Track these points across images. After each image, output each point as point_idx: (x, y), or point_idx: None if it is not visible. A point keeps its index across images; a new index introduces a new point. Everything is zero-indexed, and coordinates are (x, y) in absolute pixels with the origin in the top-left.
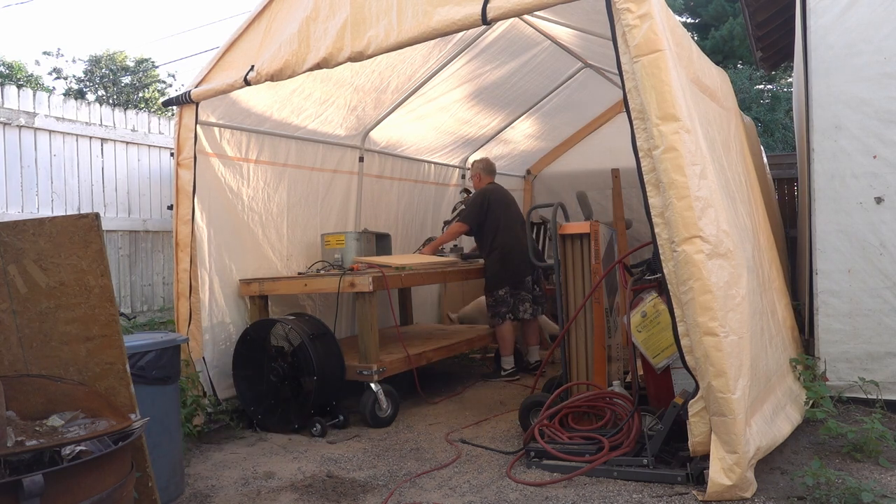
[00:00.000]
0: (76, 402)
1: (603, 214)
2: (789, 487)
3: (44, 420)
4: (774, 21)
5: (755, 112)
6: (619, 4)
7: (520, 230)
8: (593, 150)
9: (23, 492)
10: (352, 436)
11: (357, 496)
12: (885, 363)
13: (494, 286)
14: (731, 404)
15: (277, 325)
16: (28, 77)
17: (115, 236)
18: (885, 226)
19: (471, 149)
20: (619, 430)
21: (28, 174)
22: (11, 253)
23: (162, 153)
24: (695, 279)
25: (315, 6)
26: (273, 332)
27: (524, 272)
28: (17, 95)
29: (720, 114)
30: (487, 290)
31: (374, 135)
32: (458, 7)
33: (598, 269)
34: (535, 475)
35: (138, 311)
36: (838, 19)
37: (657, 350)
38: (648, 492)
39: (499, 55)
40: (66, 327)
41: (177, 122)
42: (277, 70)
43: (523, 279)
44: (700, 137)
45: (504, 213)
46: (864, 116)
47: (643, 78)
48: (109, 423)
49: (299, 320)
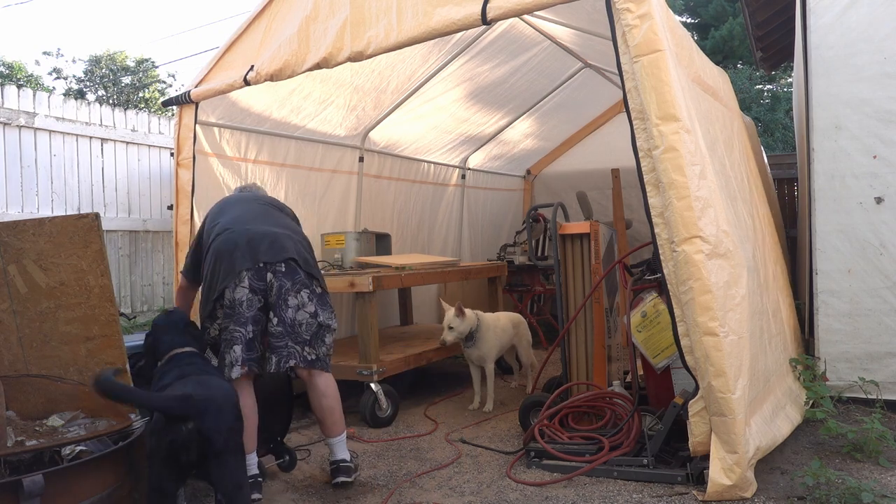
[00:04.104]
0: (76, 402)
1: (603, 214)
2: (789, 487)
3: (44, 420)
4: (774, 21)
5: (755, 112)
6: (619, 4)
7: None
8: (593, 150)
9: (23, 492)
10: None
11: (357, 496)
12: (885, 363)
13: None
14: (730, 404)
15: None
16: (28, 77)
17: (115, 236)
18: (885, 226)
19: (471, 149)
20: (619, 430)
21: (28, 174)
22: (11, 253)
23: (162, 153)
24: (694, 279)
25: (315, 6)
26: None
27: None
28: (17, 95)
29: (723, 113)
30: None
31: (373, 135)
32: (457, 7)
33: (598, 269)
34: (535, 475)
35: (138, 311)
36: (838, 19)
37: (657, 350)
38: (648, 492)
39: (498, 55)
40: (67, 327)
41: (176, 122)
42: (277, 70)
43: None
44: (700, 137)
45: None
46: (864, 116)
47: (643, 78)
48: (109, 423)
49: None
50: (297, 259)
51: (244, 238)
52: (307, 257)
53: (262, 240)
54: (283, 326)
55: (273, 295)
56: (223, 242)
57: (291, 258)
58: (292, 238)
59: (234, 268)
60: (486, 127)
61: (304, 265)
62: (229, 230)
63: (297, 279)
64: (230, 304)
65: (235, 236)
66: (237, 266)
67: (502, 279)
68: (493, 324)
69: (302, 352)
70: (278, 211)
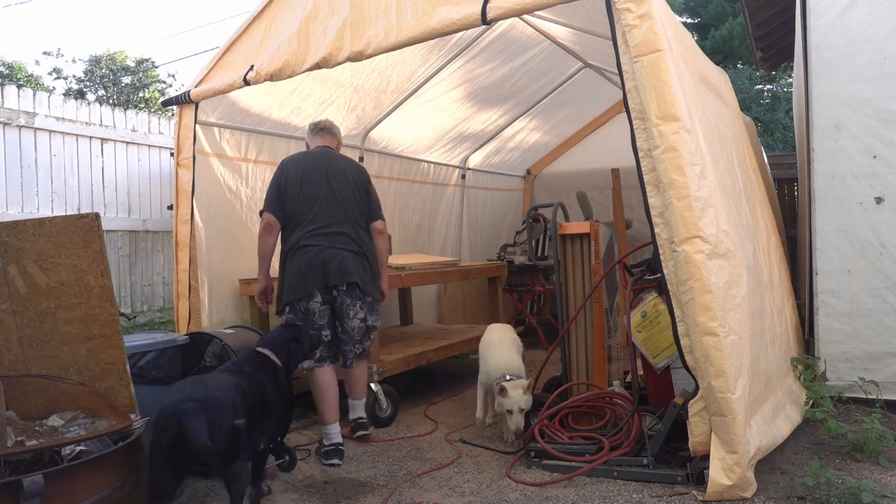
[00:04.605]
0: (76, 402)
1: (603, 214)
2: (789, 487)
3: (44, 420)
4: (774, 21)
5: (755, 112)
6: (619, 4)
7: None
8: (593, 150)
9: (23, 492)
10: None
11: (357, 496)
12: (885, 363)
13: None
14: (730, 404)
15: (214, 342)
16: (28, 77)
17: (115, 236)
18: (885, 226)
19: (471, 149)
20: (619, 430)
21: (28, 174)
22: (11, 253)
23: (162, 153)
24: (695, 279)
25: (315, 6)
26: (209, 351)
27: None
28: (17, 95)
29: (727, 112)
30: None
31: (373, 135)
32: (457, 7)
33: (598, 269)
34: (535, 475)
35: (138, 311)
36: (838, 19)
37: (657, 350)
38: (648, 492)
39: (498, 55)
40: (67, 327)
41: (176, 122)
42: (277, 70)
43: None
44: (700, 137)
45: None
46: (864, 116)
47: (643, 78)
48: (109, 423)
49: (239, 335)
50: (357, 282)
51: (318, 260)
52: (365, 277)
53: (332, 262)
54: (346, 335)
55: (337, 307)
56: (300, 261)
57: (354, 281)
58: (357, 256)
59: (308, 287)
60: (486, 127)
61: (362, 285)
62: (309, 248)
63: (355, 295)
64: (305, 312)
65: (311, 256)
66: (310, 287)
67: (502, 279)
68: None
69: (354, 349)
70: (352, 190)
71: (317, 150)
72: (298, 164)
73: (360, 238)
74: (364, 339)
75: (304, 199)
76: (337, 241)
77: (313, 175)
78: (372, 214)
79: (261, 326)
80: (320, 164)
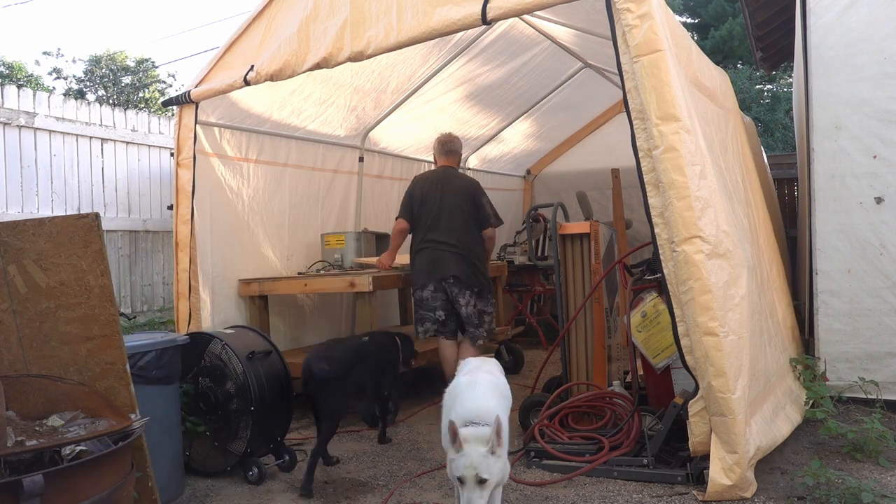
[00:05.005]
0: (76, 402)
1: (603, 214)
2: (789, 487)
3: (44, 420)
4: (774, 21)
5: (755, 112)
6: (619, 4)
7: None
8: (593, 150)
9: (23, 492)
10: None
11: (357, 496)
12: (885, 363)
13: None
14: (730, 404)
15: (214, 342)
16: (28, 77)
17: (115, 236)
18: (885, 226)
19: (470, 149)
20: (619, 430)
21: (28, 174)
22: (11, 253)
23: (162, 153)
24: (694, 279)
25: (315, 6)
26: (209, 351)
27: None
28: (17, 95)
29: (718, 114)
30: None
31: (373, 135)
32: (457, 7)
33: (598, 269)
34: (535, 475)
35: (138, 311)
36: (838, 19)
37: (657, 350)
38: (648, 492)
39: (498, 55)
40: (66, 327)
41: (177, 122)
42: (277, 70)
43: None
44: (700, 137)
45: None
46: (864, 116)
47: (643, 78)
48: (109, 423)
49: (239, 335)
50: (458, 275)
51: (430, 258)
52: (466, 272)
53: (441, 261)
54: (466, 320)
55: (451, 297)
56: (419, 260)
57: (455, 275)
58: (459, 255)
59: (422, 280)
60: (486, 127)
61: (465, 277)
62: (426, 248)
63: (461, 286)
64: (419, 300)
65: (425, 255)
66: (423, 280)
67: (502, 279)
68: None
69: (476, 332)
70: (462, 202)
71: (440, 170)
72: (426, 181)
73: (465, 241)
74: (482, 323)
75: (427, 209)
76: (444, 244)
77: (433, 191)
78: (483, 222)
79: (260, 326)
80: (440, 181)
